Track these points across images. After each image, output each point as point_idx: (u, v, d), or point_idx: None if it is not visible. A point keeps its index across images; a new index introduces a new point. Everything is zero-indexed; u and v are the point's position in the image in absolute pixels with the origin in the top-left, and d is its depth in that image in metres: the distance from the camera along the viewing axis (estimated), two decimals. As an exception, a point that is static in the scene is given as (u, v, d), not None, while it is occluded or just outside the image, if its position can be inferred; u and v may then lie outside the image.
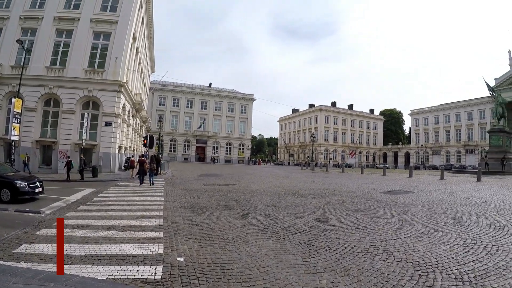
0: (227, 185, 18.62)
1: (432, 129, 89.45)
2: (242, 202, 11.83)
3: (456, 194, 14.76)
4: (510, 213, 9.45)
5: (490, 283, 4.30)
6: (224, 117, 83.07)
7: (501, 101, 45.76)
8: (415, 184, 20.70)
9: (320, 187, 18.39)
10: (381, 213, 9.62)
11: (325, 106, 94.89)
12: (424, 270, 4.76)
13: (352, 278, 4.51)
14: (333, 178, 27.24)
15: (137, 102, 37.52)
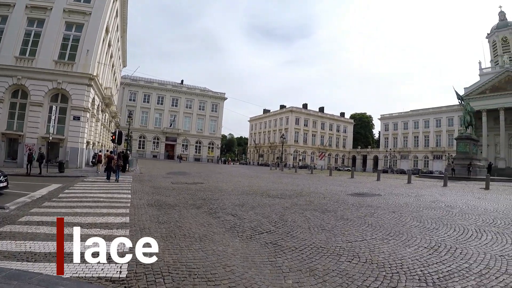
0: (195, 184, 18.49)
1: (401, 134, 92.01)
2: (210, 201, 11.74)
3: (422, 198, 15.19)
4: (474, 217, 9.79)
5: (453, 284, 4.41)
6: (194, 115, 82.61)
7: (470, 110, 47.53)
8: (382, 187, 21.19)
9: (288, 188, 18.51)
10: (347, 215, 9.74)
11: (296, 108, 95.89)
12: (389, 271, 4.84)
13: (318, 278, 4.53)
14: (301, 179, 27.51)
15: (107, 97, 36.62)
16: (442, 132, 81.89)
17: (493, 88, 69.23)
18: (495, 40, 76.16)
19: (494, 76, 69.68)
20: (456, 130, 71.97)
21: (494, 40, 76.53)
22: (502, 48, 74.66)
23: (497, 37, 75.57)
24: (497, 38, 75.71)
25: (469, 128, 46.49)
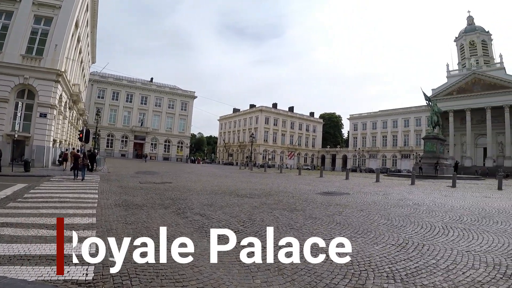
0: (164, 183, 18.22)
1: (369, 133, 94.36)
2: (178, 201, 11.55)
3: (390, 196, 15.52)
4: (441, 215, 10.06)
5: (421, 280, 4.47)
6: (164, 114, 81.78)
7: (437, 110, 49.25)
8: (351, 186, 21.50)
9: (257, 187, 18.51)
10: (316, 214, 9.78)
11: (265, 107, 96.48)
12: (357, 269, 4.85)
13: (286, 277, 4.52)
14: (270, 179, 27.57)
15: (75, 93, 35.54)
16: (410, 132, 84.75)
17: (460, 90, 72.35)
18: (463, 43, 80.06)
19: (461, 78, 72.98)
20: (423, 130, 74.43)
21: (462, 43, 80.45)
22: (470, 51, 78.46)
23: (465, 40, 79.41)
24: (465, 41, 79.56)
25: (436, 128, 48.10)
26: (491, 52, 78.15)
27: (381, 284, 4.34)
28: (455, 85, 73.16)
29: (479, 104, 68.71)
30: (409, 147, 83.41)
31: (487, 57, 76.87)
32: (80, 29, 33.40)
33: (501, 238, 7.06)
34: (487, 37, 79.05)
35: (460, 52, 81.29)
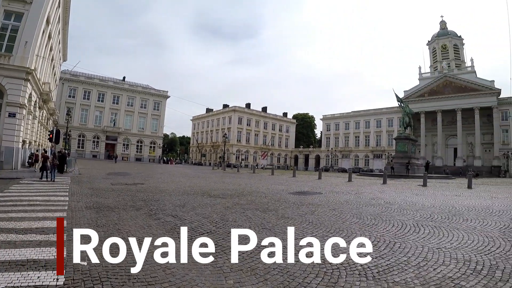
0: (136, 185, 17.91)
1: (342, 134, 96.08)
2: (150, 202, 11.37)
3: (362, 195, 15.74)
4: (412, 213, 10.25)
5: (392, 277, 4.53)
6: (136, 113, 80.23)
7: (409, 112, 50.48)
8: (323, 186, 21.69)
9: (230, 188, 18.47)
10: (288, 213, 9.80)
11: (239, 107, 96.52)
12: (329, 268, 4.86)
13: (259, 277, 4.51)
14: (243, 179, 27.56)
15: (45, 92, 34.24)
16: (382, 132, 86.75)
17: (431, 92, 74.91)
18: (435, 47, 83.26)
19: (433, 80, 75.79)
20: (395, 130, 76.26)
21: (434, 47, 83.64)
22: (442, 55, 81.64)
23: (437, 44, 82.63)
24: (437, 45, 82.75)
25: (407, 128, 49.27)
26: (462, 56, 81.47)
27: (353, 282, 4.38)
28: (427, 87, 75.84)
29: (450, 106, 71.34)
30: (381, 147, 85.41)
31: (459, 60, 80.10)
32: (52, 25, 32.30)
33: (471, 235, 7.23)
34: (459, 42, 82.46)
35: (432, 55, 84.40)
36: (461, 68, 76.73)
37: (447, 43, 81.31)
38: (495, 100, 68.38)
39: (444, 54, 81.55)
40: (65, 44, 54.11)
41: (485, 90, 69.02)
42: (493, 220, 9.16)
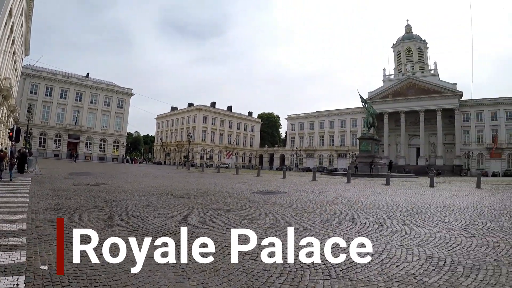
0: (98, 185, 17.46)
1: (307, 133, 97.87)
2: (113, 203, 11.10)
3: (326, 194, 15.91)
4: (375, 211, 10.43)
5: (356, 275, 4.57)
6: (99, 111, 78.21)
7: (372, 112, 51.50)
8: (287, 185, 21.81)
9: (194, 187, 18.33)
10: (252, 213, 9.78)
11: (204, 106, 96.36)
12: (293, 267, 4.85)
13: (222, 278, 4.48)
14: (207, 178, 27.42)
15: (5, 88, 32.82)
16: (347, 132, 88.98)
17: (395, 93, 77.40)
18: (400, 50, 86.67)
19: (397, 82, 78.51)
20: (359, 130, 78.48)
21: (399, 50, 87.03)
22: (406, 58, 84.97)
23: (402, 47, 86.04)
24: (402, 48, 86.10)
25: (371, 129, 50.29)
26: (426, 59, 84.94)
27: (317, 280, 4.40)
28: (390, 88, 78.37)
29: (413, 107, 74.04)
30: (346, 146, 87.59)
31: (422, 63, 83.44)
32: (14, 18, 30.85)
33: (432, 232, 7.40)
34: (423, 45, 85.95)
35: (397, 58, 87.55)
36: (424, 71, 79.99)
37: (412, 46, 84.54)
38: (457, 102, 71.62)
39: (408, 57, 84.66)
40: (28, 38, 52.00)
41: (448, 93, 72.09)
42: (454, 218, 9.42)
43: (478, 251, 5.97)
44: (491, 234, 7.26)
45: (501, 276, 4.62)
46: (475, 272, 4.76)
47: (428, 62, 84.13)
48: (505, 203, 13.33)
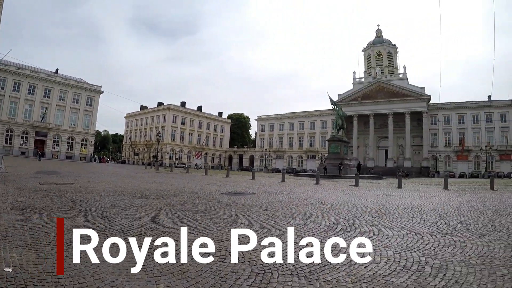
0: (65, 184, 16.95)
1: (276, 135, 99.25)
2: (79, 203, 10.78)
3: (295, 196, 15.95)
4: (344, 212, 10.50)
5: (324, 276, 4.57)
6: (68, 108, 76.45)
7: (342, 114, 52.50)
8: (257, 186, 21.84)
9: (163, 188, 18.10)
10: (221, 214, 9.70)
11: (174, 105, 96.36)
12: (261, 269, 4.84)
13: (190, 280, 4.41)
14: (176, 179, 27.21)
15: None
16: (316, 134, 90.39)
17: (364, 96, 79.29)
18: (370, 54, 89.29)
19: (366, 85, 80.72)
20: (329, 132, 79.68)
21: (369, 53, 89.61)
22: (376, 61, 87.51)
23: (372, 51, 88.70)
24: (372, 52, 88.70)
25: (340, 130, 51.17)
26: (395, 63, 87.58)
27: (285, 282, 4.38)
28: (360, 91, 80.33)
29: (382, 110, 75.93)
30: (315, 148, 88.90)
31: (392, 67, 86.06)
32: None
33: (400, 233, 7.51)
34: (393, 50, 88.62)
35: (367, 61, 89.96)
36: (394, 75, 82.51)
37: (382, 50, 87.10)
38: (425, 105, 74.11)
39: (378, 60, 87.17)
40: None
41: (416, 96, 74.47)
42: (422, 218, 9.59)
43: (446, 251, 6.08)
44: (458, 235, 7.42)
45: (468, 276, 4.71)
46: (442, 272, 4.84)
47: (397, 66, 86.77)
48: (472, 203, 13.69)
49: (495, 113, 73.39)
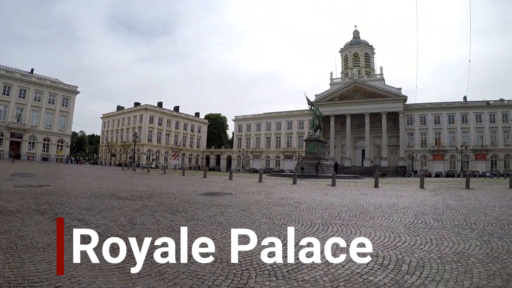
0: (41, 186, 16.57)
1: (254, 135, 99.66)
2: (56, 206, 10.55)
3: (272, 196, 15.97)
4: (321, 212, 10.55)
5: (302, 276, 4.59)
6: (44, 109, 74.66)
7: (319, 115, 52.90)
8: (234, 186, 21.80)
9: (140, 189, 17.88)
10: (198, 215, 9.64)
11: (151, 106, 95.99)
12: (239, 269, 4.83)
13: (168, 282, 4.38)
14: (153, 180, 27.01)
15: None
16: (293, 134, 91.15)
17: (341, 96, 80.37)
18: (347, 54, 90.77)
19: (343, 86, 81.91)
20: (306, 132, 80.00)
21: (347, 54, 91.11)
22: (353, 62, 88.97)
23: (350, 52, 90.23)
24: (349, 53, 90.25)
25: (317, 131, 51.63)
26: (372, 64, 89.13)
27: (263, 282, 4.38)
28: (337, 92, 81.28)
29: (358, 110, 77.13)
30: (292, 148, 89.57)
31: (369, 68, 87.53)
32: None
33: (377, 232, 7.60)
34: (370, 51, 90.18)
35: (344, 62, 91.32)
36: (371, 76, 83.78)
37: (359, 51, 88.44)
38: (401, 106, 75.61)
39: (355, 61, 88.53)
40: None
41: (393, 97, 75.85)
42: (398, 217, 9.72)
43: (422, 249, 6.16)
44: (435, 233, 7.54)
45: (445, 273, 4.79)
46: (419, 270, 4.91)
47: (374, 67, 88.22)
48: (448, 202, 13.94)
49: (470, 114, 75.91)
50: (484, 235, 7.32)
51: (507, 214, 10.51)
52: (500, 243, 6.58)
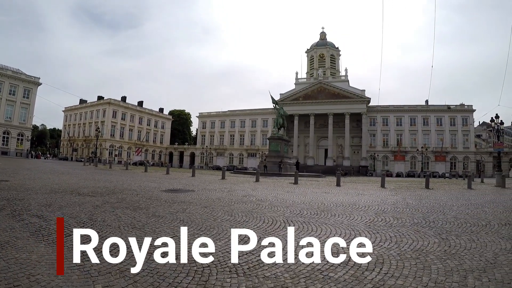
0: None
1: (218, 132, 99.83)
2: (14, 202, 10.16)
3: (234, 193, 15.97)
4: (283, 209, 10.65)
5: (263, 273, 4.63)
6: (3, 101, 71.65)
7: (283, 113, 53.38)
8: (196, 183, 21.70)
9: (101, 185, 17.50)
10: (159, 212, 9.55)
11: (114, 100, 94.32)
12: (200, 266, 4.80)
13: (128, 280, 4.33)
14: (115, 176, 26.55)
15: None
16: (257, 132, 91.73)
17: (306, 96, 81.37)
18: (313, 55, 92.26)
19: (308, 86, 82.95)
20: (270, 130, 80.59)
21: (312, 55, 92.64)
22: (319, 63, 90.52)
23: (316, 53, 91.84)
24: (315, 54, 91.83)
25: (281, 129, 52.05)
26: (338, 66, 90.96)
27: (224, 279, 4.40)
28: (302, 91, 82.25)
29: (322, 110, 78.42)
30: (256, 146, 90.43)
31: (334, 69, 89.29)
32: None
33: (338, 229, 7.72)
34: (336, 52, 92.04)
35: (310, 62, 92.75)
36: (335, 77, 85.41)
37: (325, 52, 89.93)
38: (364, 107, 77.51)
39: (321, 62, 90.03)
40: None
41: (356, 98, 77.68)
42: (359, 215, 9.91)
43: (382, 246, 6.32)
44: (394, 230, 7.74)
45: (404, 269, 4.93)
46: (379, 266, 5.04)
47: (339, 69, 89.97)
48: (407, 201, 14.36)
49: (431, 117, 79.27)
50: (443, 233, 7.56)
51: (464, 213, 10.90)
52: (458, 241, 6.82)
